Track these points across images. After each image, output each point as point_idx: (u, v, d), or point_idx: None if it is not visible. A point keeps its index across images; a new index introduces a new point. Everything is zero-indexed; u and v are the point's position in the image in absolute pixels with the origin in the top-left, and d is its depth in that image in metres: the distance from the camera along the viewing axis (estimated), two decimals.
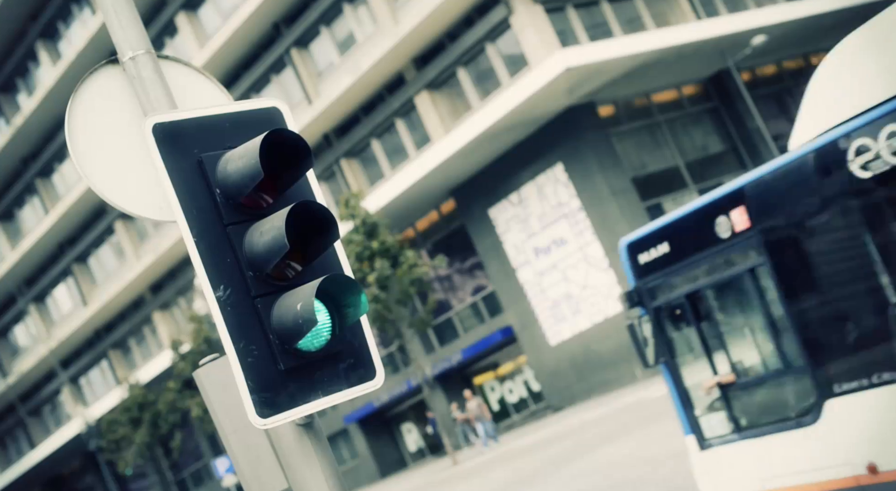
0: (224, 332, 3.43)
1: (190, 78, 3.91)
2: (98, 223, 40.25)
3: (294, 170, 3.53)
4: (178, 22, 33.78)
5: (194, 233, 3.42)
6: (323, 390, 3.60)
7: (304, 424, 3.75)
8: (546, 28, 25.16)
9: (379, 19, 28.11)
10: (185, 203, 3.41)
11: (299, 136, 3.46)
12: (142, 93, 3.63)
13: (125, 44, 3.62)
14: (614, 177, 26.04)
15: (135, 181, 3.77)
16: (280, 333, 3.48)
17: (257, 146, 3.33)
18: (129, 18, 3.64)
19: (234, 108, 3.59)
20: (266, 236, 3.43)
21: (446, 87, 28.01)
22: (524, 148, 27.36)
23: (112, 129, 3.74)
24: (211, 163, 3.47)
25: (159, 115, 3.38)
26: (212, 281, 3.44)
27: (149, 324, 40.62)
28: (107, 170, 3.75)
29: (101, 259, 41.47)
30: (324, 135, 31.26)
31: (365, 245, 24.42)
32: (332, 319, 3.61)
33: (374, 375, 3.73)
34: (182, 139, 3.43)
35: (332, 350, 3.60)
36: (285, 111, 3.73)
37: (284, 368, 3.49)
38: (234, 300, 3.46)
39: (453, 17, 26.78)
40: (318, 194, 3.73)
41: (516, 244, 28.20)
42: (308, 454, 3.73)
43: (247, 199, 3.52)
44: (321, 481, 3.72)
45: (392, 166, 29.71)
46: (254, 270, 3.49)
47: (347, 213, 24.75)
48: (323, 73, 30.61)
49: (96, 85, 3.74)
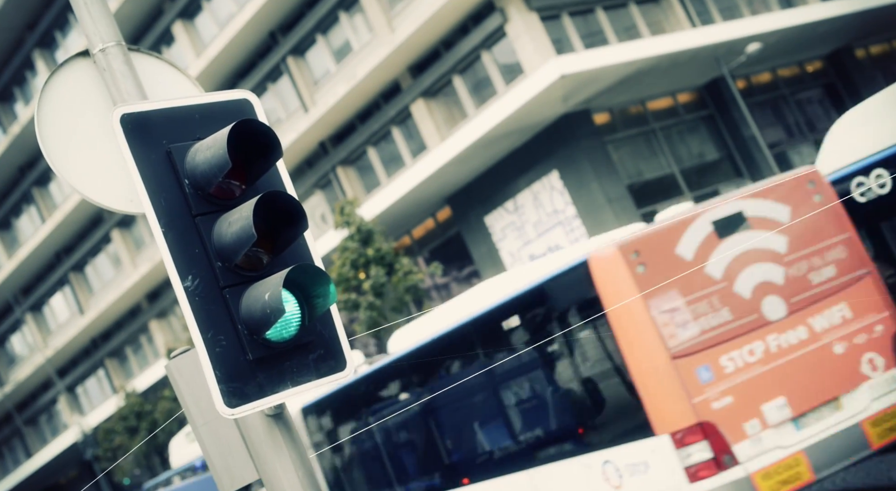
0: (192, 322, 3.44)
1: (162, 71, 3.93)
2: (95, 232, 40.27)
3: (263, 160, 3.54)
4: (174, 30, 33.86)
5: (162, 223, 3.43)
6: (292, 380, 3.61)
7: (274, 415, 3.75)
8: (541, 36, 25.21)
9: (375, 28, 28.18)
10: (153, 193, 3.42)
11: (268, 126, 3.47)
12: (112, 85, 3.64)
13: (95, 36, 3.63)
14: (610, 184, 26.07)
15: (105, 173, 3.79)
16: (248, 324, 3.49)
17: (225, 136, 3.34)
18: (99, 11, 3.66)
19: (204, 100, 3.60)
20: (234, 227, 3.44)
21: (442, 95, 28.06)
22: (520, 155, 27.40)
23: (82, 121, 3.76)
24: (180, 153, 3.48)
25: (127, 105, 3.39)
26: (180, 271, 3.45)
27: (145, 333, 40.58)
28: (77, 162, 3.76)
29: (98, 268, 41.46)
30: (320, 143, 31.30)
31: (360, 252, 24.42)
32: (302, 310, 3.62)
33: (343, 365, 3.74)
34: (150, 130, 3.44)
35: (302, 341, 3.61)
36: (256, 103, 3.74)
37: (253, 358, 3.50)
38: (202, 290, 3.46)
39: (449, 26, 26.84)
40: (287, 185, 3.74)
41: (512, 252, 28.21)
42: (278, 445, 3.73)
43: (216, 189, 3.53)
44: (291, 472, 3.72)
45: (388, 174, 29.74)
46: (222, 260, 3.50)
47: (343, 221, 24.75)
48: (319, 81, 30.67)
49: (67, 77, 3.76)
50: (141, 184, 3.41)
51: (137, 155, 3.40)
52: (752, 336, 7.76)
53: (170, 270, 3.43)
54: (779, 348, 7.81)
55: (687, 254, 7.85)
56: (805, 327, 7.93)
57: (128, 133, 3.39)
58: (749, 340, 7.74)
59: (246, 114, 3.68)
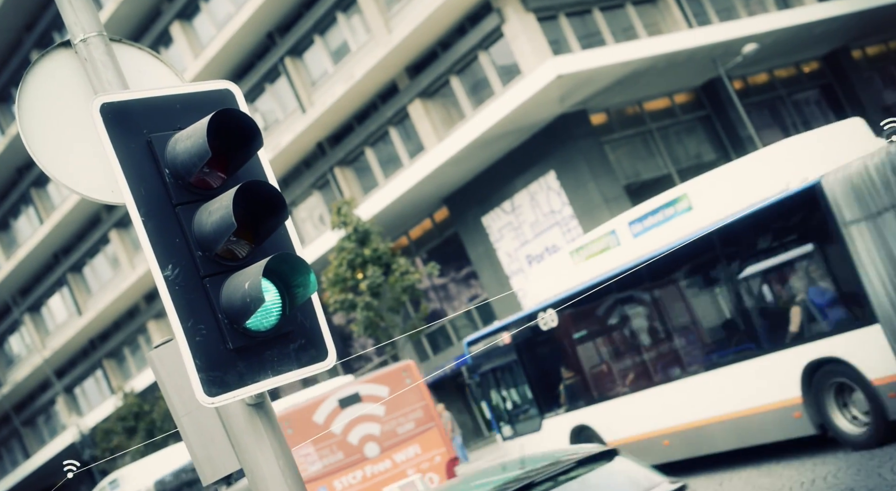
0: (172, 311, 3.43)
1: (144, 61, 3.93)
2: (93, 233, 40.28)
3: (244, 150, 3.54)
4: (172, 31, 33.89)
5: (142, 212, 3.43)
6: (273, 370, 3.61)
7: (255, 404, 3.75)
8: (538, 37, 25.23)
9: (372, 28, 28.21)
10: (133, 183, 3.42)
11: (248, 116, 3.47)
12: (93, 75, 3.63)
13: (77, 26, 3.63)
14: (606, 185, 26.08)
15: (87, 163, 3.79)
16: (229, 313, 3.49)
17: (205, 125, 3.34)
18: (81, 1, 3.66)
19: (185, 90, 3.60)
20: (214, 216, 3.44)
21: (439, 95, 28.08)
22: (517, 156, 27.42)
23: (64, 111, 3.75)
24: (160, 143, 3.48)
25: (107, 95, 3.39)
26: (160, 260, 3.45)
27: (143, 333, 40.58)
28: (59, 152, 3.76)
29: (96, 268, 41.47)
30: (317, 143, 31.32)
31: (357, 252, 24.42)
32: (283, 300, 3.62)
33: (325, 355, 3.74)
34: (131, 119, 3.44)
35: (283, 330, 3.61)
36: (237, 93, 3.74)
37: (233, 348, 3.50)
38: (182, 279, 3.46)
39: (446, 26, 26.87)
40: (269, 175, 3.74)
41: (509, 252, 28.23)
42: (259, 435, 3.73)
43: (196, 179, 3.53)
44: (272, 462, 3.72)
45: (385, 175, 29.76)
46: (203, 249, 3.50)
47: (339, 221, 24.76)
48: (317, 82, 30.69)
49: (48, 68, 3.75)
50: (121, 173, 3.41)
51: (117, 144, 3.40)
52: (356, 467, 12.80)
53: (149, 259, 3.43)
54: (373, 474, 12.81)
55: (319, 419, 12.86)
56: (390, 460, 12.97)
57: (108, 122, 3.39)
58: (354, 470, 12.78)
59: (227, 104, 3.67)
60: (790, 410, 10.59)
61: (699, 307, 12.06)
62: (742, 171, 11.53)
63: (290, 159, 31.71)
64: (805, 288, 10.40)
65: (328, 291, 25.08)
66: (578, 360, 14.01)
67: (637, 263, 11.45)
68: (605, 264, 12.79)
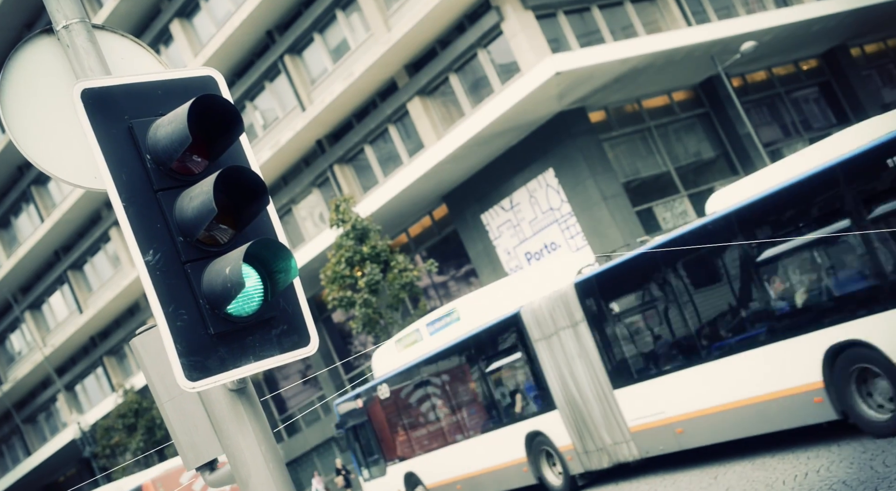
0: (152, 296, 3.44)
1: (126, 48, 3.94)
2: (94, 231, 40.31)
3: (225, 136, 3.55)
4: (172, 29, 33.92)
5: (123, 198, 3.43)
6: (255, 355, 3.61)
7: (237, 389, 3.77)
8: (537, 34, 25.24)
9: (372, 26, 28.22)
10: (114, 168, 3.43)
11: (229, 101, 3.49)
12: (75, 61, 3.64)
13: (59, 13, 3.64)
14: (605, 182, 26.09)
15: (70, 150, 3.80)
16: (210, 298, 3.49)
17: (185, 111, 3.35)
18: None
19: (167, 76, 3.61)
20: (195, 201, 3.45)
21: (438, 93, 28.09)
22: (515, 154, 27.43)
23: (46, 97, 3.76)
24: (142, 129, 3.49)
25: (88, 80, 3.40)
26: (141, 246, 3.45)
27: None
28: (41, 139, 3.77)
29: (97, 266, 41.51)
30: (317, 141, 31.34)
31: (355, 250, 24.43)
32: (265, 285, 3.63)
33: (307, 341, 3.75)
34: (112, 105, 3.45)
35: (264, 316, 3.61)
36: (220, 80, 3.75)
37: (215, 333, 3.50)
38: (163, 265, 3.47)
39: (445, 24, 26.88)
40: (251, 161, 3.76)
41: (508, 249, 28.24)
42: (241, 421, 3.74)
43: (178, 165, 3.54)
44: (254, 447, 3.74)
45: (385, 173, 29.77)
46: (184, 235, 3.50)
47: (338, 219, 24.77)
48: (316, 79, 30.72)
49: (30, 55, 3.76)
50: (102, 158, 3.42)
51: (98, 130, 3.41)
52: None
53: (130, 244, 3.44)
54: None
55: None
56: None
57: (89, 108, 3.39)
58: None
59: (209, 90, 3.68)
60: None
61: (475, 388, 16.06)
62: (487, 295, 16.14)
63: (290, 157, 31.73)
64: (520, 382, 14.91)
65: (327, 288, 25.10)
66: (405, 421, 18.29)
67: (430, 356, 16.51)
68: (416, 352, 17.28)
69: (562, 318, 13.13)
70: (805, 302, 10.33)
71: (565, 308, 13.06)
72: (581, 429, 13.29)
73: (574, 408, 13.27)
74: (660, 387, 11.97)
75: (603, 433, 13.00)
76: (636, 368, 12.34)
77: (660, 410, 12.04)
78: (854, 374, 9.90)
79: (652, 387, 12.09)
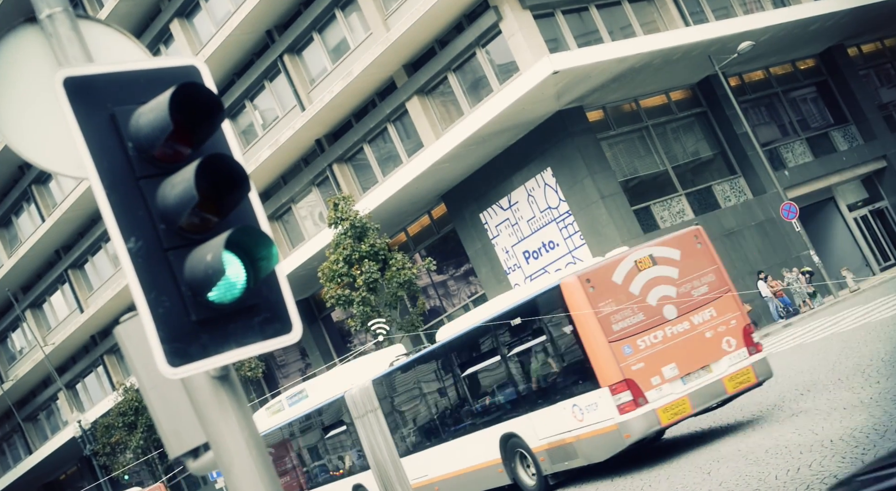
0: (134, 283, 3.45)
1: (111, 37, 3.96)
2: (94, 230, 40.37)
3: (207, 124, 3.58)
4: (172, 29, 33.96)
5: (105, 185, 3.46)
6: (237, 342, 3.63)
7: (220, 376, 3.79)
8: (535, 34, 25.27)
9: (371, 26, 28.26)
10: (96, 156, 3.45)
11: (211, 90, 3.51)
12: (59, 50, 3.66)
13: (42, 2, 3.67)
14: (603, 181, 26.12)
15: (53, 139, 3.81)
16: (192, 285, 3.51)
17: (167, 98, 3.37)
18: None
19: (150, 65, 3.63)
20: (177, 189, 3.47)
21: (437, 92, 28.12)
22: (514, 153, 27.46)
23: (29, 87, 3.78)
24: (124, 117, 3.51)
25: (71, 68, 3.42)
26: (123, 233, 3.47)
27: None
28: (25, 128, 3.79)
29: (97, 265, 41.57)
30: (316, 140, 31.38)
31: (353, 248, 24.46)
32: (247, 273, 3.65)
33: (290, 328, 3.76)
34: (94, 93, 3.47)
35: (246, 303, 3.63)
36: (203, 69, 3.77)
37: (197, 320, 3.51)
38: (144, 252, 3.49)
39: (444, 24, 26.92)
40: (234, 150, 3.78)
41: (507, 248, 28.27)
42: (224, 408, 3.76)
43: (160, 153, 3.56)
44: (237, 434, 3.75)
45: (384, 172, 29.81)
46: (166, 222, 3.52)
47: (336, 217, 24.79)
48: (315, 79, 30.75)
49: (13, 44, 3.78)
50: (84, 146, 3.44)
51: (80, 118, 3.43)
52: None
53: (112, 231, 3.46)
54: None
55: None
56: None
57: (71, 96, 3.41)
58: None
59: (192, 79, 3.70)
60: None
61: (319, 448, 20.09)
62: (329, 379, 19.92)
63: (289, 156, 31.77)
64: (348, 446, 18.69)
65: (325, 286, 25.12)
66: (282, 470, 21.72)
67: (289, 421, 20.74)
68: (280, 418, 21.09)
69: (366, 404, 17.55)
70: (488, 405, 15.01)
71: (367, 398, 17.49)
72: (386, 484, 17.93)
73: (381, 468, 17.83)
74: (425, 457, 16.80)
75: (398, 489, 17.66)
76: (410, 443, 17.14)
77: (425, 473, 16.85)
78: (517, 454, 14.58)
79: (421, 457, 16.88)
